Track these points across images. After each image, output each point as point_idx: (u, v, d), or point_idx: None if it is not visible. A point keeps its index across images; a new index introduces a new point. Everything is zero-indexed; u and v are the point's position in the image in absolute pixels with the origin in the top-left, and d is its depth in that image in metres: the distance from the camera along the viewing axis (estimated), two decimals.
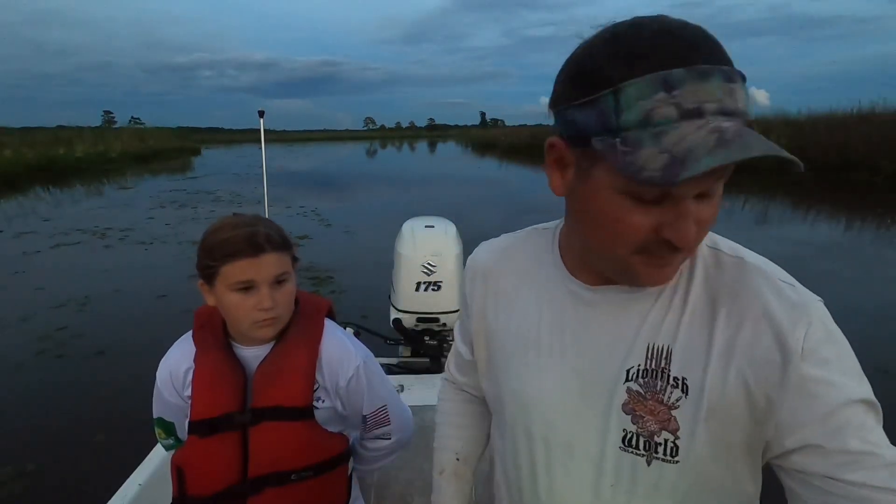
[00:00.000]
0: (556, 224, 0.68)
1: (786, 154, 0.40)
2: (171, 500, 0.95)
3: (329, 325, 1.02)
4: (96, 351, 3.77)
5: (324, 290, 5.05)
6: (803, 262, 5.73)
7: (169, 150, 30.95)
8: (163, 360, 1.00)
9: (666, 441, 0.53)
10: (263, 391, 0.92)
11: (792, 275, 0.53)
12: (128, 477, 1.37)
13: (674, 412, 0.53)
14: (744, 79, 0.44)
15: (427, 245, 2.19)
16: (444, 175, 19.00)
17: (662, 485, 0.55)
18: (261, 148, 2.22)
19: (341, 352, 0.99)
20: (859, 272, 5.49)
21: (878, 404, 0.48)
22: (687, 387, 0.52)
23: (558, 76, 0.51)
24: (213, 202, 11.24)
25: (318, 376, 0.97)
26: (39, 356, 3.70)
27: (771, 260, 0.54)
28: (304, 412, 0.93)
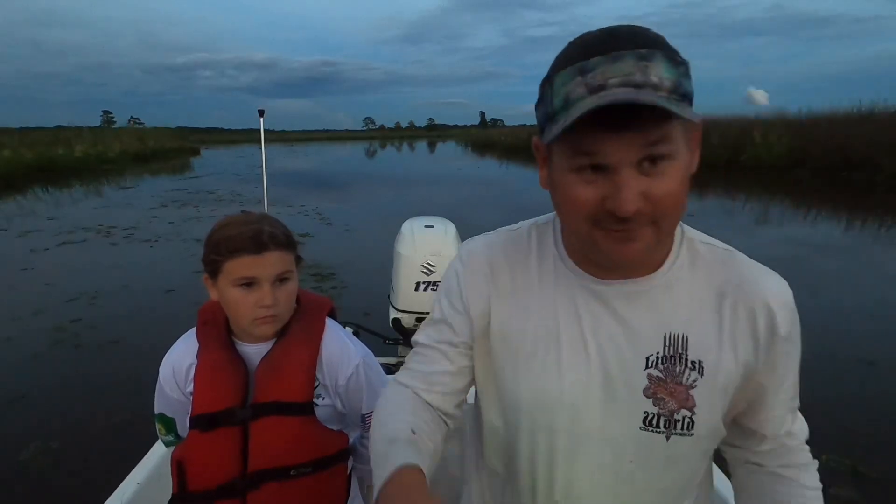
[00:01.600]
0: (553, 217, 0.70)
1: (661, 103, 0.47)
2: (169, 498, 0.96)
3: (330, 323, 1.05)
4: (110, 340, 3.98)
5: (325, 285, 5.22)
6: (803, 261, 5.85)
7: (168, 151, 31.05)
8: (166, 356, 1.02)
9: (684, 418, 0.61)
10: (264, 387, 0.94)
11: (791, 274, 0.65)
12: (127, 475, 1.39)
13: (692, 391, 0.60)
14: (669, 57, 0.50)
15: (427, 245, 2.19)
16: (443, 175, 19.14)
17: (676, 456, 0.63)
18: (261, 148, 2.27)
19: (341, 350, 1.01)
20: (858, 271, 5.61)
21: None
22: (703, 368, 0.60)
23: None
24: (214, 202, 11.44)
25: (318, 374, 0.99)
26: (56, 346, 3.91)
27: (771, 260, 0.66)
28: (305, 408, 0.95)
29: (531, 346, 0.65)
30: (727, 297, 0.61)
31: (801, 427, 0.69)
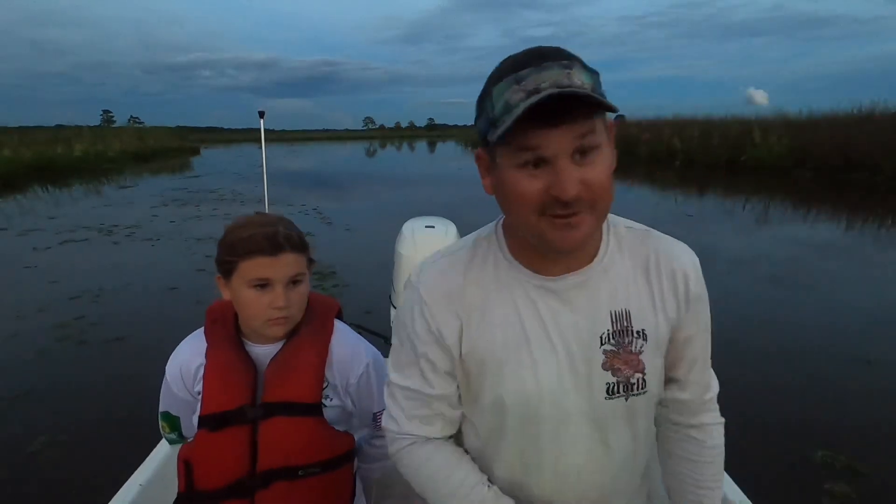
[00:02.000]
0: (493, 228, 0.77)
1: (582, 92, 0.56)
2: (174, 499, 0.96)
3: (339, 325, 1.06)
4: (115, 337, 4.03)
5: (326, 284, 5.28)
6: (802, 262, 5.89)
7: (168, 150, 31.07)
8: (173, 354, 1.03)
9: (638, 380, 0.72)
10: (274, 387, 0.95)
11: (790, 273, 0.80)
12: (130, 475, 1.40)
13: (640, 356, 0.71)
14: (586, 67, 0.60)
15: (427, 245, 2.19)
16: (444, 175, 19.20)
17: (636, 412, 0.74)
18: (261, 148, 2.29)
19: (351, 351, 1.02)
20: (857, 272, 5.65)
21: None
22: (646, 335, 0.71)
23: None
24: (215, 201, 11.49)
25: (327, 375, 1.00)
26: (61, 342, 3.96)
27: (769, 259, 0.81)
28: (314, 409, 0.96)
29: (503, 353, 0.71)
30: (651, 269, 0.73)
31: (714, 383, 0.82)
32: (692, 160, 16.74)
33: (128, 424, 2.73)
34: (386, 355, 0.87)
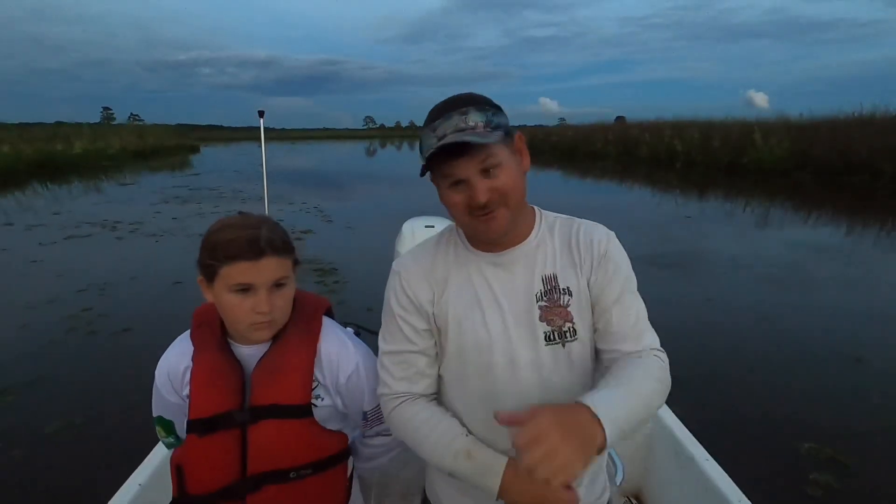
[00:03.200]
0: (453, 226, 1.00)
1: (469, 139, 0.78)
2: (171, 500, 0.97)
3: (328, 323, 1.06)
4: (123, 328, 4.17)
5: (328, 279, 5.41)
6: (801, 265, 5.96)
7: (168, 148, 31.24)
8: (161, 359, 1.02)
9: (569, 328, 0.90)
10: (262, 389, 0.94)
11: (788, 277, 0.89)
12: (128, 476, 1.40)
13: (568, 309, 0.90)
14: (482, 108, 0.83)
15: None
16: None
17: (574, 357, 0.91)
18: (261, 146, 2.33)
19: (340, 349, 1.02)
20: (853, 275, 5.74)
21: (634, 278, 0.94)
22: (570, 291, 0.91)
23: None
24: (216, 198, 11.64)
25: (317, 374, 0.99)
26: (71, 332, 4.10)
27: (769, 262, 0.91)
28: (303, 410, 0.96)
29: (462, 311, 0.92)
30: (573, 243, 0.93)
31: (650, 336, 0.92)
32: (693, 162, 16.87)
33: (138, 409, 2.86)
34: None
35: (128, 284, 5.36)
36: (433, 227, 2.39)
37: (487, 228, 0.85)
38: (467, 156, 0.80)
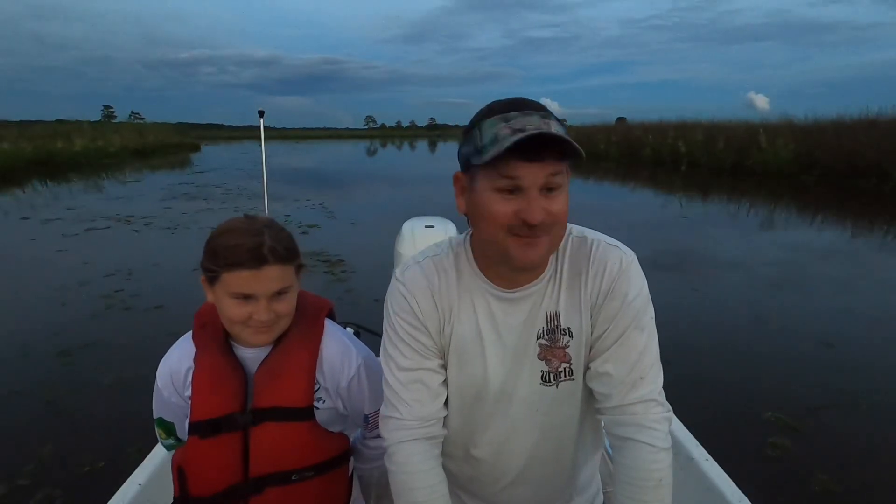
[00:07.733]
0: (463, 240, 0.92)
1: (560, 135, 0.70)
2: (171, 500, 0.99)
3: (329, 325, 1.07)
4: (155, 305, 4.75)
5: (336, 269, 5.89)
6: (805, 267, 6.04)
7: (169, 146, 31.67)
8: (163, 360, 1.05)
9: (565, 369, 0.87)
10: (264, 392, 0.96)
11: (790, 278, 1.07)
12: (128, 476, 1.43)
13: (567, 350, 0.87)
14: (558, 120, 0.75)
15: (427, 245, 2.30)
16: (444, 174, 19.38)
17: (567, 396, 0.89)
18: (261, 146, 2.38)
19: (342, 352, 1.03)
20: (860, 278, 5.76)
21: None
22: (571, 332, 0.87)
23: None
24: (223, 195, 12.19)
25: (318, 377, 1.01)
26: (109, 309, 4.68)
27: (770, 264, 1.08)
28: (305, 412, 0.97)
29: (462, 344, 0.89)
30: (582, 274, 0.87)
31: (651, 380, 0.85)
32: (697, 164, 16.87)
33: None
34: None
35: (152, 270, 5.93)
36: (433, 227, 2.40)
37: (523, 254, 0.77)
38: (543, 161, 0.72)
